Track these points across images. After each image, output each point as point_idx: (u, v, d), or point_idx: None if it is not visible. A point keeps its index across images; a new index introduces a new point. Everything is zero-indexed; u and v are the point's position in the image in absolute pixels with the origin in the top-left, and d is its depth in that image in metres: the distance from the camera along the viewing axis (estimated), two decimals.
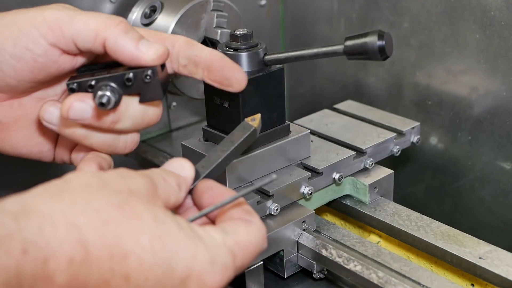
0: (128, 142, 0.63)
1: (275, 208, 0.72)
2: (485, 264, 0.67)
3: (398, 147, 0.85)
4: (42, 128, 0.64)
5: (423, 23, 0.93)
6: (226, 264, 0.48)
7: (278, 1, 1.11)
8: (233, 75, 0.62)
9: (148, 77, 0.57)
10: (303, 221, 0.73)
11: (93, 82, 0.58)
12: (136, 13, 0.93)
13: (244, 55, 0.70)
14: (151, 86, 0.58)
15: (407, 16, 0.94)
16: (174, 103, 1.03)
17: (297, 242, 0.73)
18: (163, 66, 0.60)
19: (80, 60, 0.61)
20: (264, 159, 0.73)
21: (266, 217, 0.72)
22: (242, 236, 0.50)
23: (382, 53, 0.63)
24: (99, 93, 0.56)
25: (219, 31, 0.87)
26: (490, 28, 0.85)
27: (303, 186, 0.75)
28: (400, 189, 0.88)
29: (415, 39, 0.94)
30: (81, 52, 0.59)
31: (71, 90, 0.59)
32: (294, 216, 0.73)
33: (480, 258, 0.68)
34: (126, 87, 0.58)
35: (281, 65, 0.72)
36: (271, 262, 0.74)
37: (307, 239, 0.73)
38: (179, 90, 0.93)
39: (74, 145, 0.65)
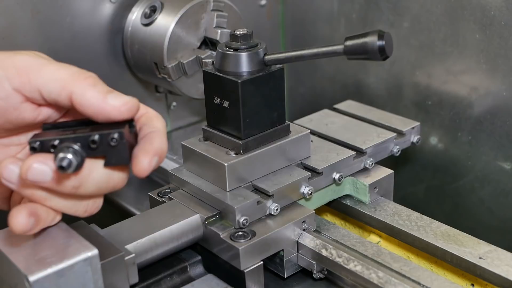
0: (89, 206, 0.59)
1: (275, 208, 0.72)
2: (485, 264, 0.67)
3: (398, 147, 0.85)
4: None
5: (423, 23, 0.93)
6: None
7: (278, 1, 1.11)
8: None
9: (114, 140, 0.54)
10: (303, 221, 0.73)
11: (56, 142, 0.55)
12: (136, 13, 0.93)
13: (244, 55, 0.70)
14: (117, 150, 0.55)
15: (407, 16, 0.94)
16: (174, 103, 1.03)
17: (297, 242, 0.73)
18: (132, 127, 0.57)
19: (43, 112, 0.58)
20: (264, 159, 0.73)
21: (266, 217, 0.72)
22: None
23: (382, 53, 0.63)
24: (60, 155, 0.53)
25: (219, 31, 0.87)
26: (490, 28, 0.85)
27: (303, 186, 0.75)
28: (400, 189, 0.88)
29: (415, 39, 0.94)
30: (46, 103, 0.57)
31: (33, 149, 0.55)
32: (294, 216, 0.73)
33: (480, 258, 0.68)
34: (91, 150, 0.55)
35: (281, 65, 0.72)
36: (271, 262, 0.74)
37: (307, 239, 0.73)
38: (179, 90, 0.93)
39: (28, 200, 0.61)
